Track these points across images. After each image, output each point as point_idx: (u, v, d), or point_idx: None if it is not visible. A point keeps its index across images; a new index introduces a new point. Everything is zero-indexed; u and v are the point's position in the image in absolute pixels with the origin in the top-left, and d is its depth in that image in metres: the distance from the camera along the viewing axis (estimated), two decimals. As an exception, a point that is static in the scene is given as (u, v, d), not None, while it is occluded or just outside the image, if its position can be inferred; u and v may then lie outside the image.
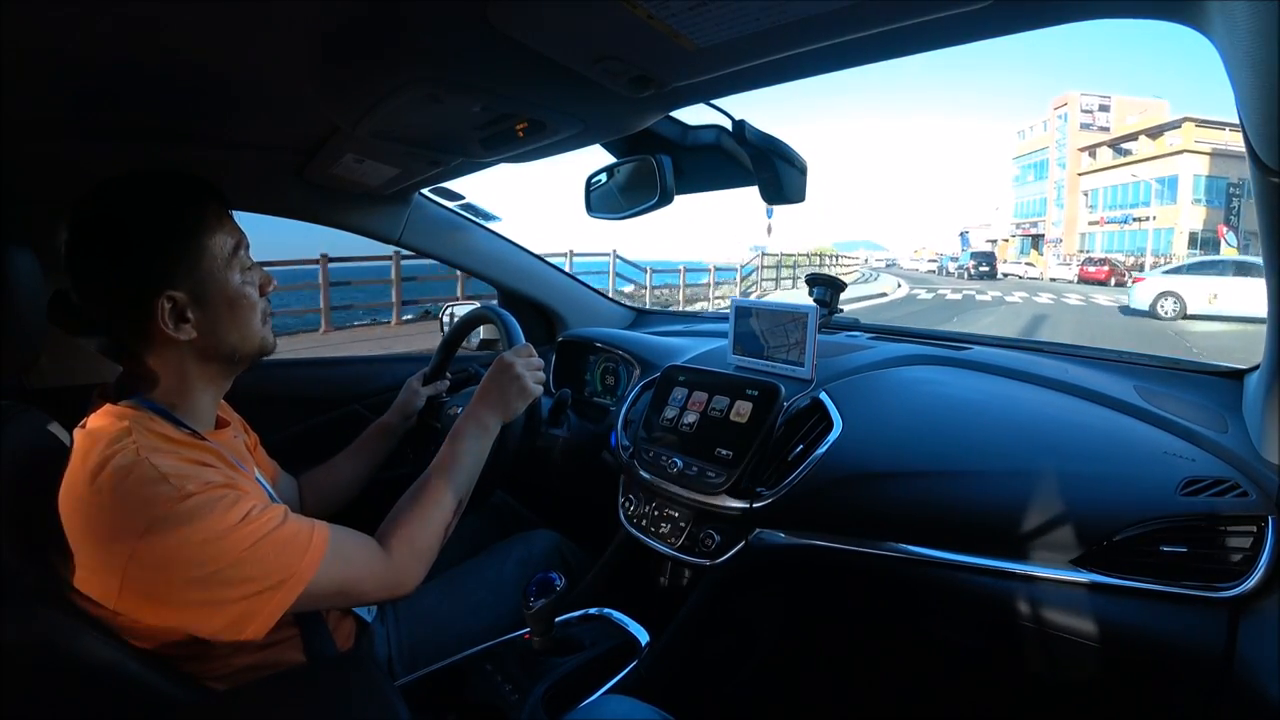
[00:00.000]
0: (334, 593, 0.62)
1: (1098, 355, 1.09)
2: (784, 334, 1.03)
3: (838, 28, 0.51)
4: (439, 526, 0.73)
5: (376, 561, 0.67)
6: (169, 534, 0.53)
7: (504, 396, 0.84)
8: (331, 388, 1.41)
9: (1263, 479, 0.66)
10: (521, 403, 0.86)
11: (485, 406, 0.83)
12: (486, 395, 0.84)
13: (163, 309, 0.60)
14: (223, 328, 0.65)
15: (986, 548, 0.72)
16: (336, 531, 0.64)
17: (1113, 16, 0.53)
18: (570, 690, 0.81)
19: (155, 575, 0.53)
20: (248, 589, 0.56)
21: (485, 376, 0.86)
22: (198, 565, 0.54)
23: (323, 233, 1.51)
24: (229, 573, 0.55)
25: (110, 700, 0.56)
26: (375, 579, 0.66)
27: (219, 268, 0.64)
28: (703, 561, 0.92)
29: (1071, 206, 35.42)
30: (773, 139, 0.87)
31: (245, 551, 0.55)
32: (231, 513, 0.56)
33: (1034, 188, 40.97)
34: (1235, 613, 0.60)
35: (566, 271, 1.65)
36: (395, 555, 0.68)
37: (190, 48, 0.66)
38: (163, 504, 0.53)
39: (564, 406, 1.15)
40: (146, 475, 0.54)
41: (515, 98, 0.69)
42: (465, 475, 0.78)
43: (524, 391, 0.85)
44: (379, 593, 0.67)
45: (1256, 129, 0.47)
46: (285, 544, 0.58)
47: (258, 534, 0.57)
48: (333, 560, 0.61)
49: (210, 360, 0.66)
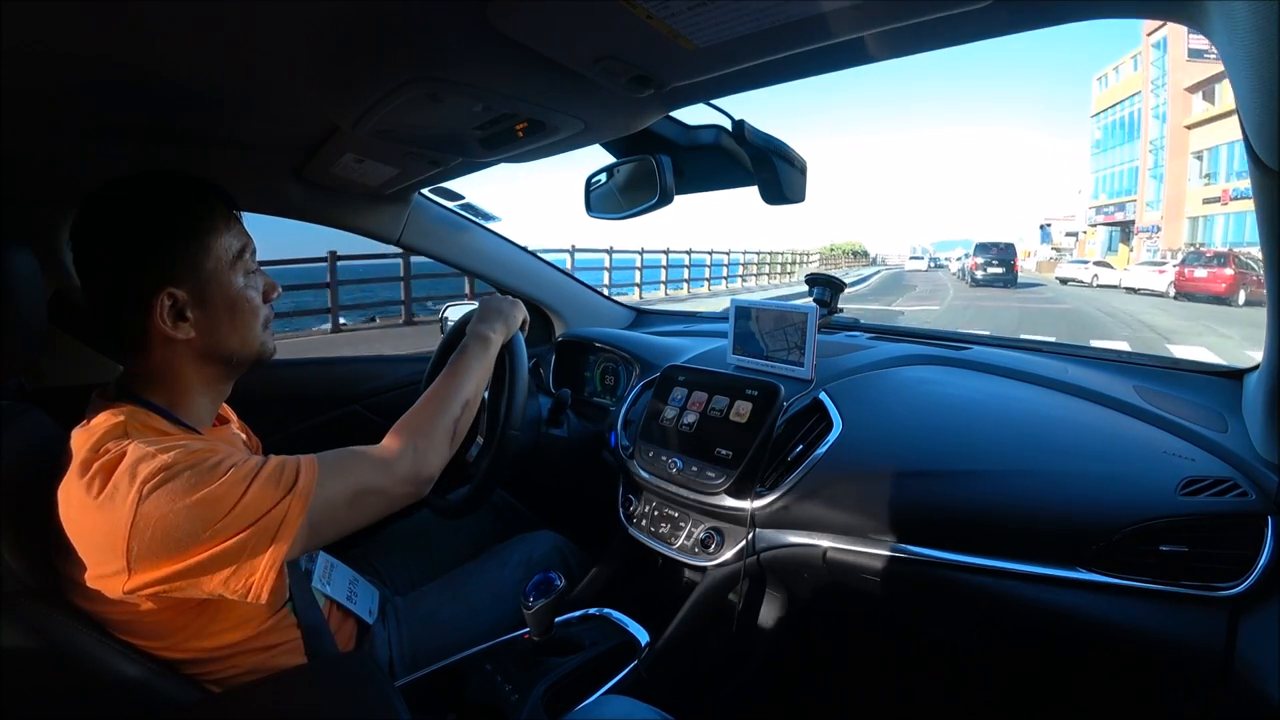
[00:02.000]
0: (348, 502, 0.62)
1: (1097, 355, 1.09)
2: (784, 334, 1.03)
3: (838, 28, 0.51)
4: (448, 422, 0.75)
5: (382, 457, 0.67)
6: (163, 503, 0.53)
7: (500, 311, 0.91)
8: (331, 388, 1.41)
9: (1262, 479, 0.66)
10: (518, 314, 0.94)
11: (485, 324, 0.89)
12: (485, 314, 0.91)
13: (162, 306, 0.61)
14: (222, 329, 0.65)
15: (986, 548, 0.72)
16: (329, 451, 0.64)
17: (1113, 16, 0.53)
18: (570, 690, 0.81)
19: (157, 542, 0.53)
20: (254, 530, 0.55)
21: (479, 306, 0.93)
22: (198, 523, 0.53)
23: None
24: (229, 520, 0.54)
25: (110, 701, 0.56)
26: (388, 472, 0.66)
27: (222, 269, 0.64)
28: (703, 561, 0.92)
29: (1175, 176, 22.90)
30: (772, 139, 0.87)
31: (239, 495, 0.55)
32: (217, 469, 0.56)
33: (1120, 154, 28.29)
34: (1235, 612, 0.60)
35: (566, 271, 1.65)
36: (405, 444, 0.69)
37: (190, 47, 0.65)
38: (152, 477, 0.53)
39: (564, 406, 1.15)
40: (135, 453, 0.55)
41: (515, 98, 0.69)
42: (472, 381, 0.81)
43: (517, 304, 0.95)
44: (400, 487, 0.68)
45: (1256, 129, 0.47)
46: (274, 476, 0.58)
47: (246, 475, 0.57)
48: (330, 474, 0.61)
49: (208, 362, 0.66)
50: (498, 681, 0.81)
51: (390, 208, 1.32)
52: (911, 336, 1.27)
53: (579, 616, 0.95)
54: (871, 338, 1.26)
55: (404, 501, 0.70)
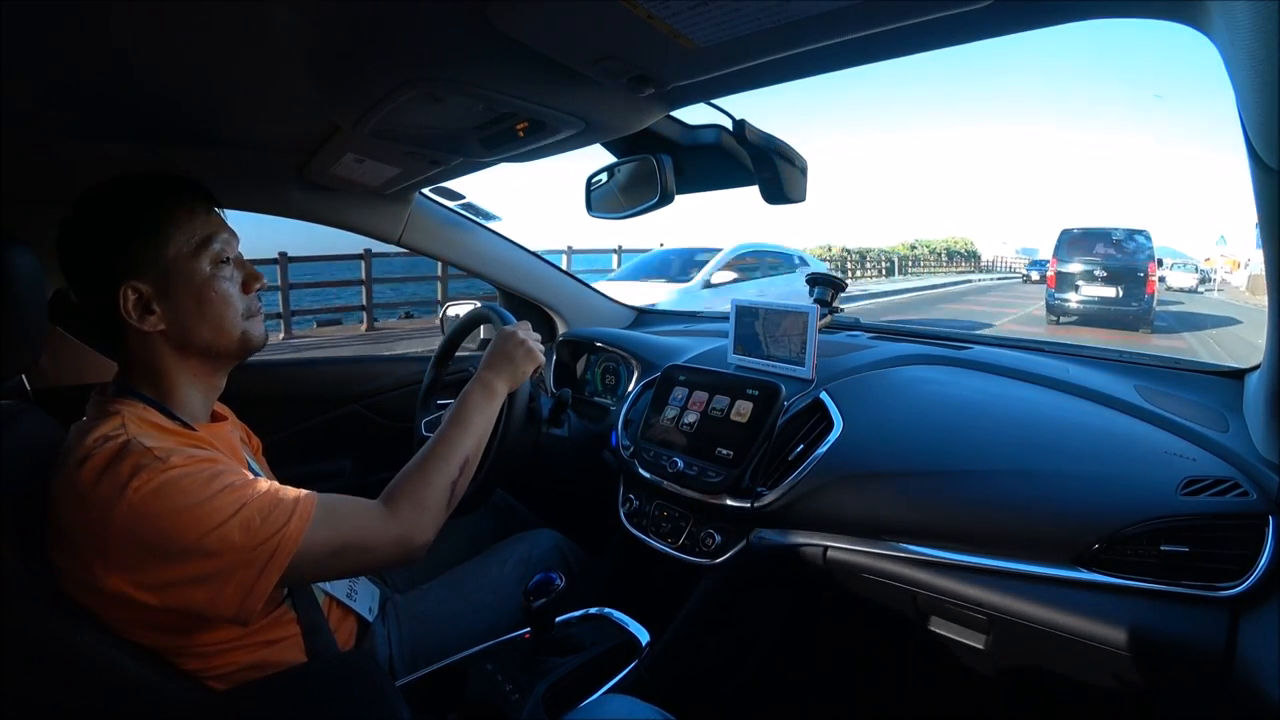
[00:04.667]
0: (333, 553, 0.61)
1: (1098, 355, 1.09)
2: (784, 334, 1.03)
3: (838, 28, 0.51)
4: (445, 482, 0.72)
5: (377, 519, 0.66)
6: (150, 504, 0.53)
7: (511, 361, 0.84)
8: (331, 388, 1.41)
9: (1263, 478, 0.66)
10: (529, 366, 0.86)
11: (493, 372, 0.83)
12: (494, 361, 0.84)
13: (126, 299, 0.61)
14: (191, 320, 0.65)
15: (986, 548, 0.72)
16: (327, 495, 0.63)
17: (1113, 16, 0.53)
18: (571, 690, 0.81)
19: (140, 549, 0.53)
20: (235, 557, 0.55)
21: (490, 346, 0.86)
22: (181, 534, 0.53)
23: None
24: (213, 539, 0.54)
25: (111, 699, 0.56)
26: (379, 536, 0.65)
27: (182, 260, 0.64)
28: (703, 561, 0.92)
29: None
30: (773, 138, 0.87)
31: (229, 516, 0.55)
32: (215, 481, 0.56)
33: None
34: (1236, 612, 0.60)
35: (566, 271, 1.65)
36: (400, 511, 0.67)
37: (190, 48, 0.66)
38: (144, 475, 0.53)
39: (564, 406, 1.15)
40: (131, 450, 0.55)
41: (515, 98, 0.69)
42: (473, 437, 0.77)
43: (530, 355, 0.85)
44: (387, 550, 0.66)
45: (1256, 129, 0.47)
46: (269, 509, 0.57)
47: (241, 498, 0.56)
48: (324, 520, 0.60)
49: (186, 353, 0.66)
50: (498, 681, 0.81)
51: (391, 207, 1.32)
52: (912, 336, 1.27)
53: (579, 616, 0.95)
54: (872, 337, 1.26)
55: (390, 565, 0.70)
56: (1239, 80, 0.46)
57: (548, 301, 1.59)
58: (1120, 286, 8.25)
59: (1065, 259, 8.80)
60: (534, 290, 1.56)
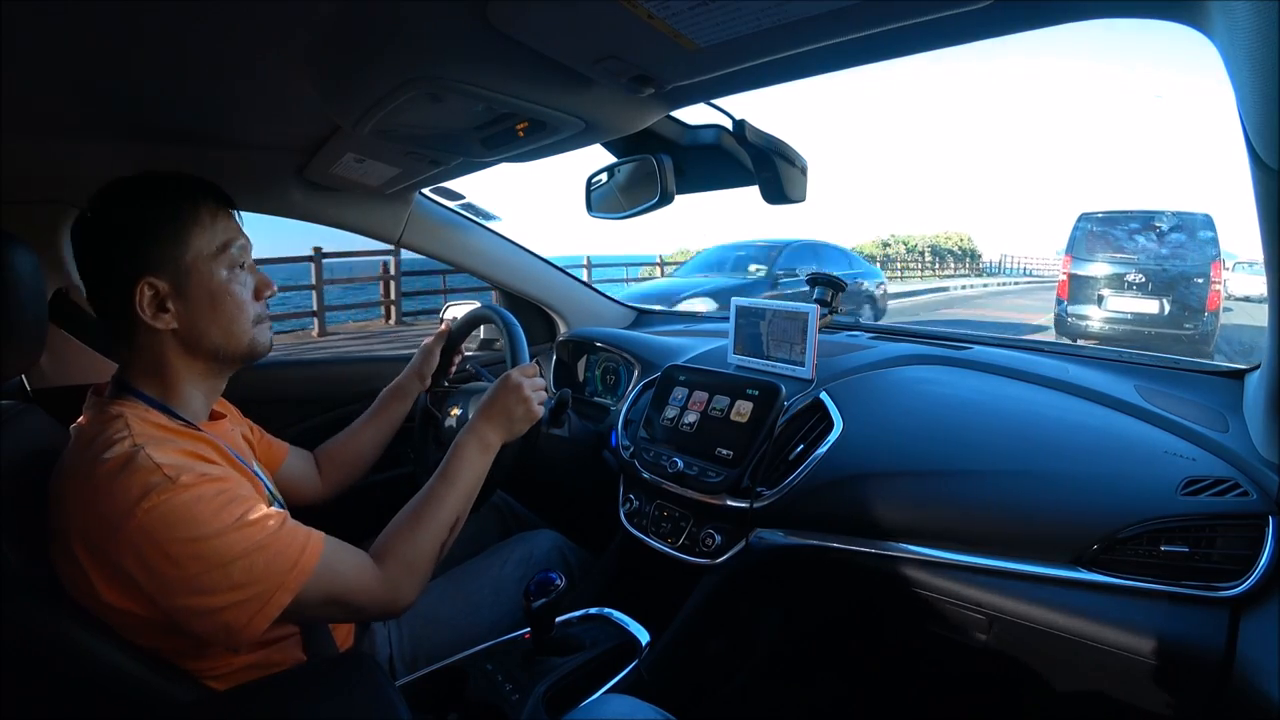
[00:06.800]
0: (323, 604, 0.62)
1: (1098, 355, 1.09)
2: (785, 334, 1.03)
3: (838, 28, 0.51)
4: (434, 544, 0.72)
5: (370, 578, 0.66)
6: (159, 530, 0.53)
7: (509, 416, 0.82)
8: (331, 388, 1.41)
9: (1263, 478, 0.66)
10: (525, 424, 0.84)
11: (488, 424, 0.81)
12: (491, 412, 0.82)
13: (142, 294, 0.62)
14: (204, 321, 0.65)
15: (986, 548, 0.72)
16: (331, 544, 0.63)
17: (1114, 16, 0.53)
18: (571, 690, 0.81)
19: (142, 569, 0.53)
20: (234, 596, 0.55)
21: (490, 392, 0.84)
22: (185, 564, 0.54)
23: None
24: (216, 576, 0.55)
25: (111, 699, 0.56)
26: (368, 595, 0.65)
27: (201, 262, 0.64)
28: (703, 561, 0.92)
29: None
30: (773, 138, 0.87)
31: (235, 557, 0.55)
32: (225, 513, 0.56)
33: None
34: (1236, 612, 0.60)
35: (567, 271, 1.65)
36: (390, 573, 0.67)
37: (190, 48, 0.66)
38: (154, 497, 0.53)
39: (564, 406, 1.15)
40: (141, 465, 0.54)
41: (515, 98, 0.69)
42: (463, 494, 0.76)
43: (529, 414, 0.84)
44: (372, 608, 0.67)
45: (1257, 129, 0.47)
46: (278, 553, 0.58)
47: (250, 540, 0.56)
48: (324, 572, 0.61)
49: (194, 354, 0.66)
50: (498, 681, 0.81)
51: (391, 207, 1.32)
52: (912, 336, 1.27)
53: (579, 616, 0.95)
54: (872, 337, 1.26)
55: (370, 619, 0.72)
56: (1239, 80, 0.46)
57: (548, 301, 1.59)
58: (1166, 298, 5.41)
59: (1084, 256, 5.91)
60: (534, 290, 1.56)
